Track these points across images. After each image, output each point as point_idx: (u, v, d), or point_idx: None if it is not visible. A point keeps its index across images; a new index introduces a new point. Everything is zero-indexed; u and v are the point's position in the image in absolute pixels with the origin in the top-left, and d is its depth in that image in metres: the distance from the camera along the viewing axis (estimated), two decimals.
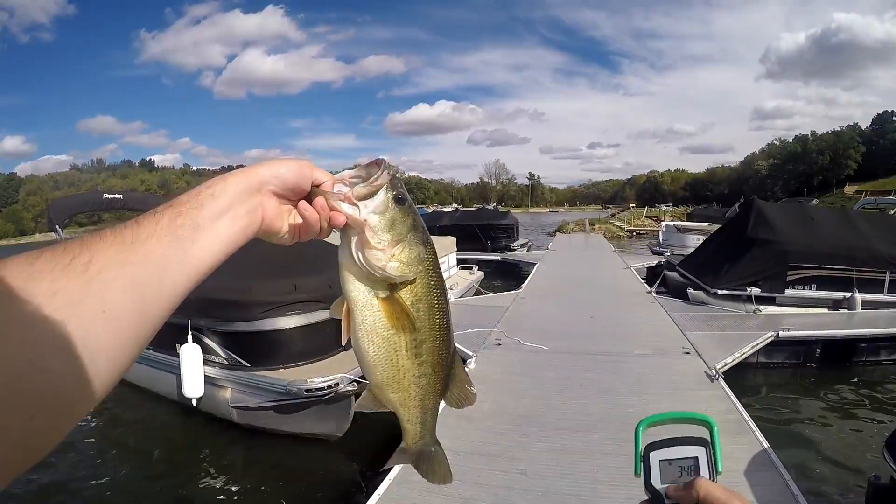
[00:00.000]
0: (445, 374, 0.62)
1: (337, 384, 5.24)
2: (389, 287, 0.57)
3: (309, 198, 0.55)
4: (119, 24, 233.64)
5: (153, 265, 0.43)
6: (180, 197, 0.48)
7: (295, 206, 0.56)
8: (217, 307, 5.66)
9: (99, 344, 0.39)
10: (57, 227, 9.34)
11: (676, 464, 0.59)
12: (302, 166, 0.55)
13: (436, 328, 0.60)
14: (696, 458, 0.59)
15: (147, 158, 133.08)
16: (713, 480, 0.58)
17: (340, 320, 0.60)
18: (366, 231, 0.55)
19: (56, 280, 0.38)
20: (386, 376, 0.59)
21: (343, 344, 0.59)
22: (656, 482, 0.59)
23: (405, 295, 0.57)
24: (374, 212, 0.55)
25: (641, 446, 0.61)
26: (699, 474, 0.58)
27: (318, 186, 0.55)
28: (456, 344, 0.62)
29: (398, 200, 0.56)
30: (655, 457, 0.60)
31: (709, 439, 0.60)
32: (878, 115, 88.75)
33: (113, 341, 0.40)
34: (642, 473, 0.60)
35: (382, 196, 0.56)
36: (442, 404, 0.66)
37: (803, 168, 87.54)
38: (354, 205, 0.55)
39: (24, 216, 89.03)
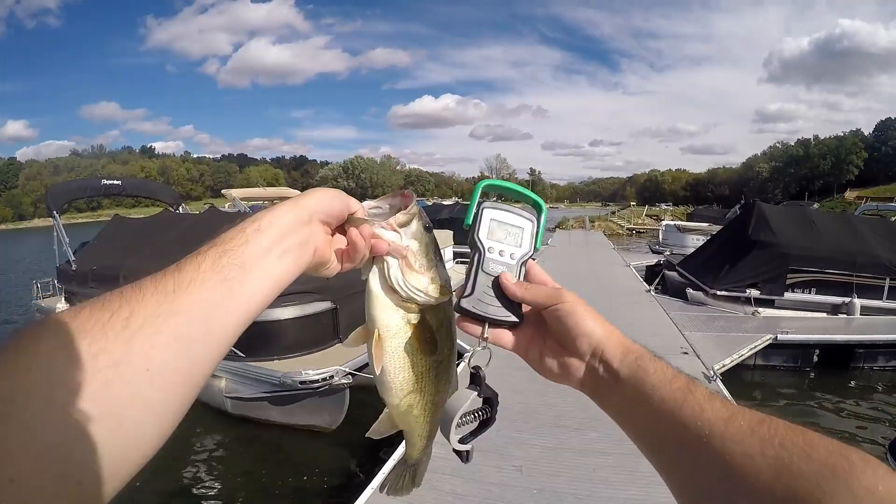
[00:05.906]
0: (452, 390, 0.64)
1: (331, 377, 5.21)
2: (420, 312, 0.59)
3: (344, 226, 0.55)
4: (126, 11, 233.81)
5: (198, 313, 0.40)
6: (224, 234, 0.45)
7: (334, 234, 0.55)
8: None
9: (146, 404, 0.37)
10: (54, 212, 9.31)
11: (504, 226, 0.62)
12: (341, 195, 0.54)
13: (452, 349, 0.63)
14: (523, 228, 0.63)
15: (148, 145, 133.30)
16: (532, 254, 0.63)
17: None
18: (409, 256, 0.57)
19: (96, 340, 0.35)
20: (410, 399, 0.61)
21: (377, 374, 0.59)
22: (482, 235, 0.61)
23: (431, 319, 0.60)
24: (412, 238, 0.58)
25: (477, 200, 0.63)
26: (520, 245, 0.62)
27: (352, 215, 0.55)
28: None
29: (427, 229, 0.59)
30: (488, 214, 0.62)
31: (537, 219, 0.64)
32: (882, 121, 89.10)
33: (160, 399, 0.38)
34: (472, 224, 0.62)
35: (416, 224, 0.58)
36: None
37: (805, 172, 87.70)
38: (396, 231, 0.57)
39: (23, 201, 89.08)
